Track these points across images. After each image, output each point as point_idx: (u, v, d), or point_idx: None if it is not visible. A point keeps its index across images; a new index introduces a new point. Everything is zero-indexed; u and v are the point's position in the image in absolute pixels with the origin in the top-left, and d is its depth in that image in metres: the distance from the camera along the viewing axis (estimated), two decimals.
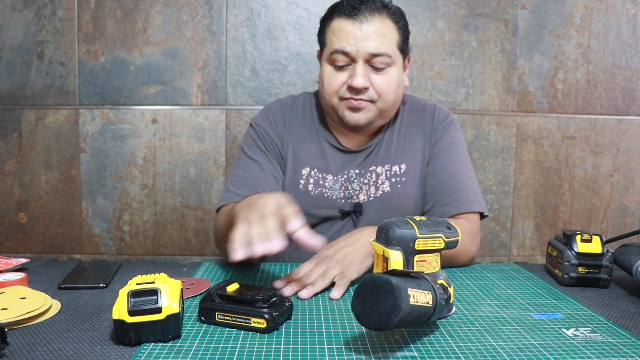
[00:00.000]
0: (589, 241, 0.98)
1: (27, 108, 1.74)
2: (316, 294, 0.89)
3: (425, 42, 1.76)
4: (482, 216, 1.19)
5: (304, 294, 0.87)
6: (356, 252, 0.97)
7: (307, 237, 0.82)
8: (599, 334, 0.74)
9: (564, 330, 0.75)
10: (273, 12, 1.73)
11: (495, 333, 0.74)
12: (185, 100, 1.75)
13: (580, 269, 0.97)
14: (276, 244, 0.77)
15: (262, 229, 0.79)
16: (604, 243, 0.98)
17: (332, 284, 0.91)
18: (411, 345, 0.69)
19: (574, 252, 0.97)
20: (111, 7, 1.71)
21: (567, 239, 1.00)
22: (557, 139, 1.83)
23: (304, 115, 1.26)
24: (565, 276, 0.97)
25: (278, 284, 0.92)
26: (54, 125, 1.75)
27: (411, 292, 0.63)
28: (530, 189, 1.84)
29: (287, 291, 0.88)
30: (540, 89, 1.81)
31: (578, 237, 0.99)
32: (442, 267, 1.03)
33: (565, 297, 0.91)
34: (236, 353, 0.66)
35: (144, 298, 0.67)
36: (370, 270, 0.96)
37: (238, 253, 0.77)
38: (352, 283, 0.94)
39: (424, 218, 0.79)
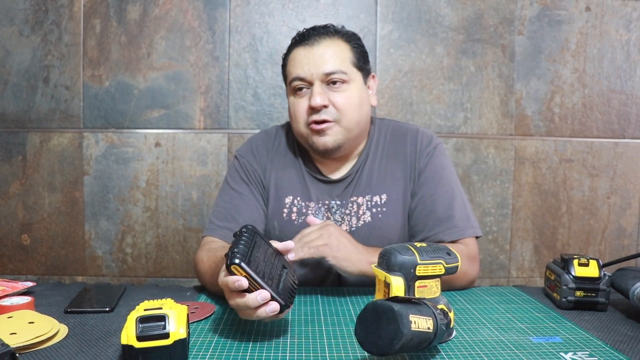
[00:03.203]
0: (586, 265, 1.00)
1: (32, 131, 1.77)
2: (301, 259, 0.99)
3: (424, 67, 1.80)
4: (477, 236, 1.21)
5: (290, 256, 0.92)
6: (348, 251, 1.02)
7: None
8: (596, 358, 0.75)
9: (562, 354, 0.77)
10: (274, 38, 1.77)
11: (495, 357, 0.75)
12: (188, 124, 1.78)
13: (578, 293, 0.99)
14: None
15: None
16: (601, 267, 1.00)
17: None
18: None
19: (571, 276, 0.99)
20: (116, 33, 1.75)
21: (565, 263, 1.02)
22: (555, 162, 1.86)
23: (286, 145, 1.29)
24: (564, 300, 0.99)
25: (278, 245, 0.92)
26: (58, 148, 1.77)
27: (412, 318, 0.64)
28: (528, 212, 1.86)
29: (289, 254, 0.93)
30: (538, 113, 1.84)
31: (575, 261, 1.00)
32: (443, 290, 1.04)
33: (563, 321, 0.92)
34: None
35: (152, 324, 0.68)
36: (359, 290, 1.00)
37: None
38: (355, 303, 0.95)
39: (424, 244, 0.81)
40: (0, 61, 1.75)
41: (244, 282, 0.75)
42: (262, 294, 0.75)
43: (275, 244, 0.87)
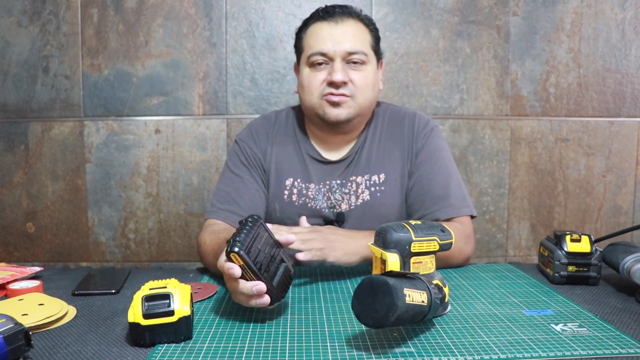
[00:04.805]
0: (578, 241, 1.02)
1: (34, 121, 1.79)
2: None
3: (419, 49, 1.81)
4: (472, 216, 1.23)
5: (280, 238, 0.89)
6: (345, 244, 1.02)
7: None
8: (585, 329, 0.78)
9: (552, 325, 0.80)
10: (271, 24, 1.78)
11: (487, 329, 0.78)
12: (187, 111, 1.80)
13: (570, 268, 1.01)
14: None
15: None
16: (592, 242, 1.02)
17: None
18: (408, 342, 0.73)
19: (564, 252, 1.02)
20: (114, 22, 1.76)
21: (558, 239, 1.04)
22: (551, 142, 1.88)
23: (286, 129, 1.32)
24: (556, 275, 1.02)
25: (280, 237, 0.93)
26: (59, 137, 1.80)
27: (407, 291, 0.67)
28: (525, 191, 1.88)
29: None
30: (533, 93, 1.85)
31: (568, 237, 1.03)
32: (438, 268, 1.06)
33: (555, 295, 0.95)
34: (244, 352, 0.70)
35: (157, 302, 0.71)
36: (356, 267, 1.03)
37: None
38: (350, 278, 0.98)
39: (419, 222, 0.84)
40: None
41: (237, 271, 0.78)
42: (258, 286, 0.78)
43: (277, 235, 0.88)
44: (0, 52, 1.76)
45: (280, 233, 0.91)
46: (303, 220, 1.10)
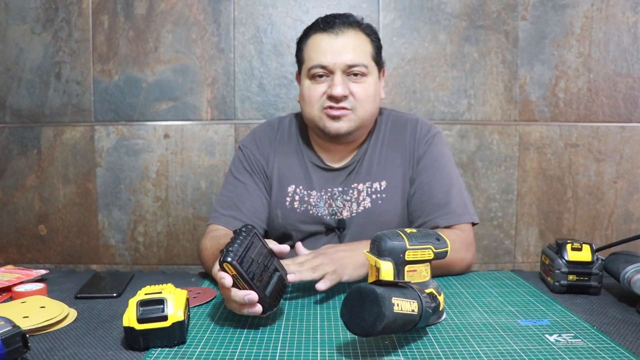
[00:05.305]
0: (579, 250, 1.02)
1: (46, 125, 1.83)
2: (301, 281, 0.92)
3: (427, 54, 1.81)
4: (474, 223, 1.22)
5: (290, 277, 0.89)
6: (353, 258, 1.01)
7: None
8: (580, 340, 0.77)
9: (547, 336, 0.79)
10: (278, 29, 1.80)
11: (480, 339, 0.78)
12: (195, 116, 1.82)
13: (570, 277, 1.01)
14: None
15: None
16: (593, 251, 1.02)
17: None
18: (399, 351, 0.73)
19: (564, 260, 1.01)
20: (124, 28, 1.79)
21: (559, 248, 1.04)
22: (560, 147, 1.86)
23: (289, 136, 1.32)
24: (557, 284, 1.01)
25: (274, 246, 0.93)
26: (71, 141, 1.83)
27: (396, 300, 0.68)
28: (533, 197, 1.87)
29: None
30: (542, 98, 1.84)
31: (569, 246, 1.02)
32: (440, 275, 1.06)
33: (554, 304, 0.94)
34: (235, 358, 0.71)
35: (152, 307, 0.73)
36: (365, 279, 1.01)
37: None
38: (342, 287, 0.99)
39: (414, 230, 0.84)
40: (14, 59, 1.80)
41: (228, 281, 0.79)
42: (250, 296, 0.79)
43: (272, 244, 0.89)
44: (14, 59, 1.81)
45: (276, 244, 0.92)
46: (301, 247, 1.05)
